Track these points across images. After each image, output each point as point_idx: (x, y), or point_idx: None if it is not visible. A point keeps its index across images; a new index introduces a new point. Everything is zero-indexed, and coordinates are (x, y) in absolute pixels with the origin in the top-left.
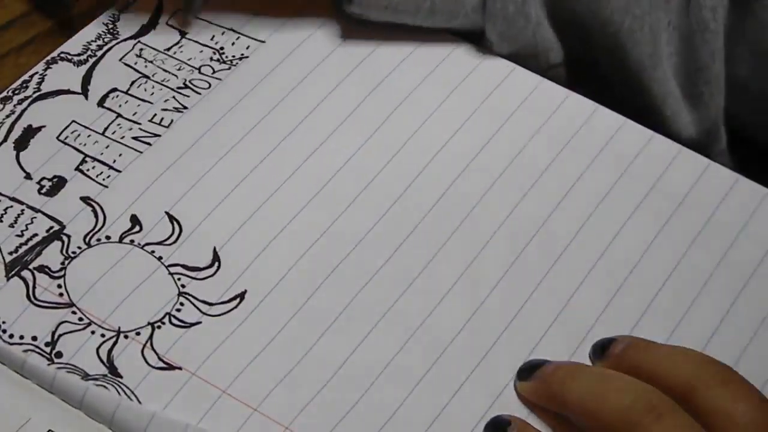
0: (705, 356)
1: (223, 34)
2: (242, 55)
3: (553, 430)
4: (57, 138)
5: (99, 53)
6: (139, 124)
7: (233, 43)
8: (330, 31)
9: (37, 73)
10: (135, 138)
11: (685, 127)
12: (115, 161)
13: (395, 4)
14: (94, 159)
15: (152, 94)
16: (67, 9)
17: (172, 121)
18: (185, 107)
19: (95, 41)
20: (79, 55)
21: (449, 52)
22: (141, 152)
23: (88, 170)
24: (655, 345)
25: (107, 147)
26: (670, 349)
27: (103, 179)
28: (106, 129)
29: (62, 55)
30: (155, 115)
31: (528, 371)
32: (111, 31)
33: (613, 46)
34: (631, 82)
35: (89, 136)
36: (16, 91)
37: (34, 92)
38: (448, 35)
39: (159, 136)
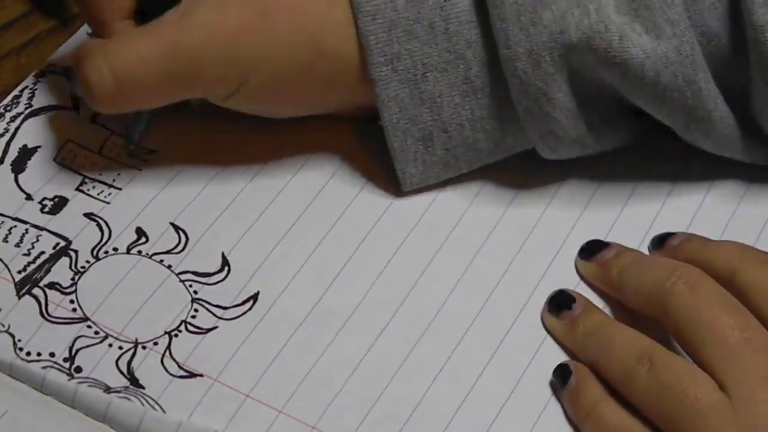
0: (750, 246)
1: None
2: None
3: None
4: (54, 160)
5: None
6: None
7: None
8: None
9: (27, 87)
10: (131, 156)
11: None
12: (114, 180)
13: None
14: (94, 180)
15: None
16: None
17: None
18: (182, 120)
19: None
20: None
21: None
22: (140, 170)
23: (88, 190)
24: (710, 241)
25: (105, 167)
26: (723, 242)
27: (105, 197)
28: (101, 147)
29: (50, 68)
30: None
31: (588, 252)
32: None
33: None
34: None
35: (86, 156)
36: (8, 108)
37: (26, 108)
38: None
39: (155, 151)
